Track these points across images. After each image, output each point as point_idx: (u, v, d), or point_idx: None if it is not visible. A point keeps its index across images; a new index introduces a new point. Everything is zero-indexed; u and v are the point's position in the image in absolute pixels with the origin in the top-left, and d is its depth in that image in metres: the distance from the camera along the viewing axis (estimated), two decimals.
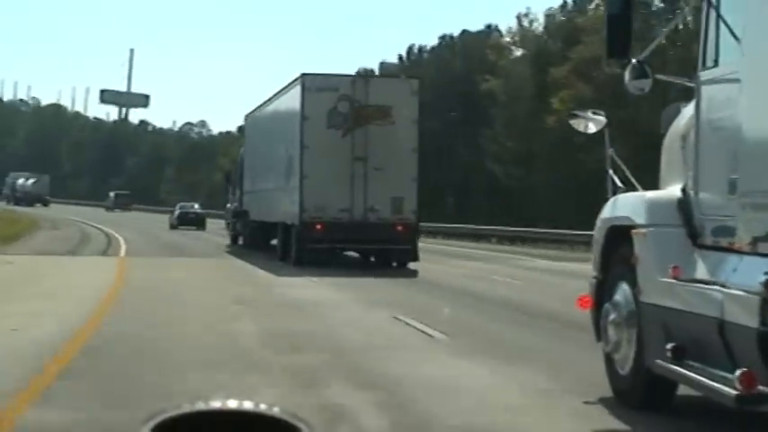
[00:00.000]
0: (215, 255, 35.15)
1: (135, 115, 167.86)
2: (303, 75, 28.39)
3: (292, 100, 29.34)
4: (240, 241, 39.70)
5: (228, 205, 42.97)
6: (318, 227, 27.31)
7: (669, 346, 7.63)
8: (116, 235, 44.85)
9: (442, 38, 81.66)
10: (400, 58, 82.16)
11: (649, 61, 8.21)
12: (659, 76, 8.44)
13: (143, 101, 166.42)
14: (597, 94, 46.30)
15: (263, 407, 1.95)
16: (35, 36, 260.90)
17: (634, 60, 8.13)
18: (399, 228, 27.31)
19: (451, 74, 72.03)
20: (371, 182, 27.33)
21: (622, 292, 8.69)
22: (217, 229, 51.44)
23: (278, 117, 32.43)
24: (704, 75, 7.99)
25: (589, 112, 9.68)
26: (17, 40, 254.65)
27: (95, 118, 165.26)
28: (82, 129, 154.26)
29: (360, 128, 27.51)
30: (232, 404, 1.96)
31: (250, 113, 40.33)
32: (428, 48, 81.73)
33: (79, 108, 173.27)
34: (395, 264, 27.98)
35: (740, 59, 7.42)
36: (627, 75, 8.14)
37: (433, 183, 46.74)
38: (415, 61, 77.98)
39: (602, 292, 9.11)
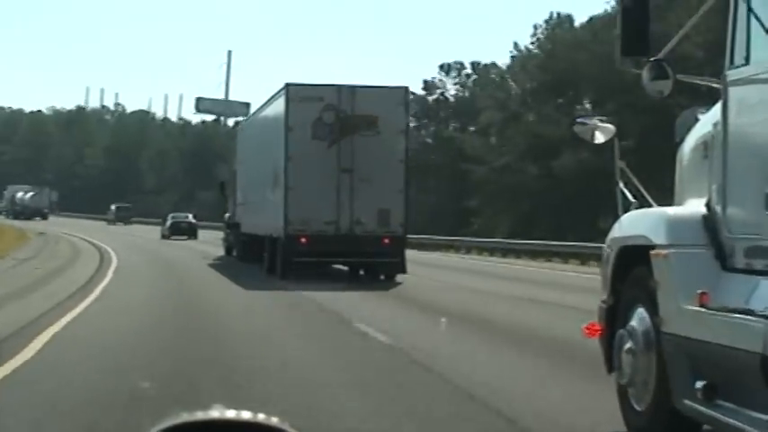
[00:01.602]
0: (195, 267, 34.02)
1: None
2: (287, 84, 27.32)
3: (277, 110, 28.32)
4: (234, 253, 38.67)
5: (227, 215, 41.75)
6: (303, 240, 26.25)
7: (699, 384, 6.52)
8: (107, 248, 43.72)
9: None
10: None
11: (669, 60, 7.07)
12: (681, 77, 7.31)
13: (243, 110, 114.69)
14: None
15: (260, 417, 1.94)
16: (125, 42, 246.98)
17: (652, 59, 7.01)
18: (386, 240, 26.25)
19: None
20: (358, 194, 26.26)
21: (639, 317, 7.56)
22: (215, 240, 50.17)
23: (264, 128, 31.38)
24: (733, 74, 6.86)
25: (596, 120, 8.54)
26: (106, 47, 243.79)
27: (180, 118, 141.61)
28: (167, 135, 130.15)
29: (346, 138, 26.45)
30: (230, 414, 1.94)
31: (242, 123, 39.35)
32: None
33: (172, 118, 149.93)
34: (382, 277, 26.93)
35: None
36: (644, 75, 7.03)
37: None
38: None
39: (613, 318, 7.99)
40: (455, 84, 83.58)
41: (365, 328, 15.13)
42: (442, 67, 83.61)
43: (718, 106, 7.15)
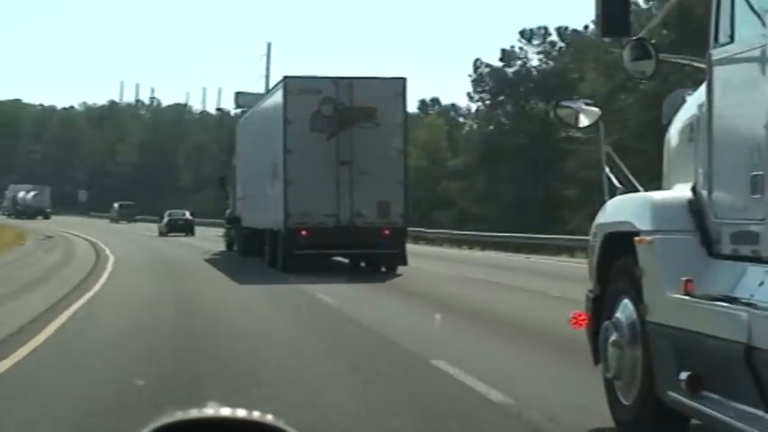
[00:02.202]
0: (192, 262, 33.71)
1: None
2: (285, 77, 27.08)
3: (275, 103, 28.07)
4: (235, 248, 38.41)
5: (227, 210, 41.35)
6: (304, 233, 26.00)
7: (683, 375, 6.20)
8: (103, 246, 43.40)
9: None
10: None
11: (651, 39, 6.75)
12: (664, 56, 6.98)
13: None
14: None
15: (255, 414, 1.92)
16: (161, 36, 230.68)
17: (634, 38, 6.68)
18: (387, 232, 26.00)
19: None
20: (357, 186, 26.00)
21: (624, 308, 7.25)
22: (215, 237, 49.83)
23: (263, 121, 31.11)
24: (717, 53, 6.54)
25: (581, 103, 8.20)
26: (140, 41, 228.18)
27: (218, 109, 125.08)
28: (205, 128, 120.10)
29: (344, 130, 26.20)
30: (225, 412, 1.93)
31: (241, 118, 39.08)
32: None
33: (210, 111, 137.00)
34: (383, 269, 26.65)
35: (762, 33, 6.01)
36: (626, 55, 6.71)
37: None
38: None
39: (600, 309, 7.69)
40: (538, 53, 69.71)
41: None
42: (522, 33, 69.94)
43: (703, 87, 6.84)
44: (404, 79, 26.91)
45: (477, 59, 70.59)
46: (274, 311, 17.83)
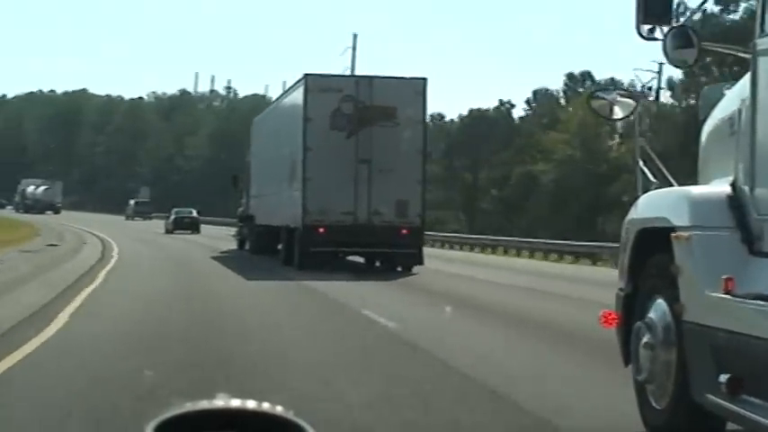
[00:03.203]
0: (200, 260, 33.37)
1: None
2: (306, 75, 26.83)
3: (295, 101, 27.82)
4: (247, 246, 38.11)
5: (240, 208, 41.02)
6: (321, 230, 25.75)
7: (723, 378, 5.85)
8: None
9: None
10: None
11: (694, 27, 6.39)
12: (707, 45, 6.63)
13: None
14: None
15: (265, 405, 1.91)
16: (240, 26, 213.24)
17: (676, 25, 6.33)
18: (404, 231, 25.73)
19: None
20: (376, 184, 25.75)
21: (658, 308, 6.89)
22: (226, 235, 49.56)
23: (282, 119, 30.85)
24: (763, 43, 6.19)
25: (615, 94, 7.84)
26: (217, 30, 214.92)
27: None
28: None
29: (364, 129, 25.96)
30: (235, 403, 1.92)
31: (257, 117, 38.86)
32: None
33: None
34: (399, 268, 26.34)
35: None
36: (667, 43, 6.35)
37: None
38: None
39: (632, 308, 7.33)
40: None
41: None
42: None
43: (746, 79, 6.49)
44: (424, 79, 26.63)
45: None
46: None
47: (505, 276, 26.18)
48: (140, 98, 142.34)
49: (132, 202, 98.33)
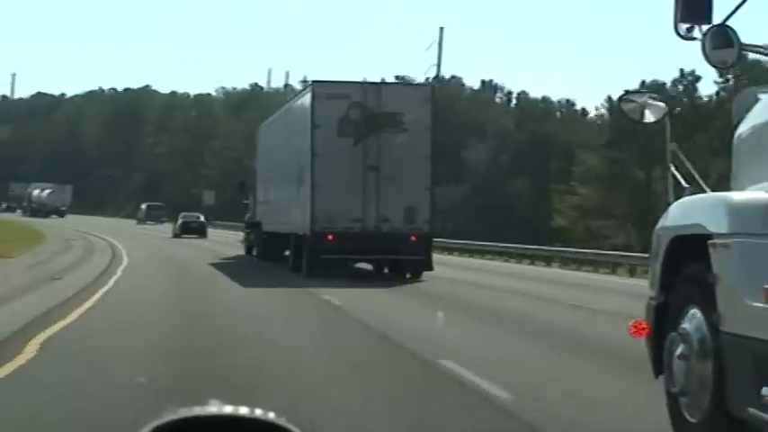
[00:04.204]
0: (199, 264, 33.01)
1: None
2: (314, 82, 26.66)
3: (303, 108, 27.62)
4: (254, 252, 37.89)
5: (247, 214, 40.74)
6: (330, 237, 25.50)
7: (766, 390, 5.56)
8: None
9: None
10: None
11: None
12: (747, 45, 6.34)
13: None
14: None
15: (258, 412, 1.92)
16: (319, 20, 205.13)
17: (715, 24, 6.05)
18: (413, 238, 25.52)
19: None
20: (384, 191, 25.52)
21: (693, 318, 6.60)
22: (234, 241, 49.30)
23: (289, 126, 30.62)
24: None
25: (646, 97, 7.55)
26: (293, 24, 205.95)
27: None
28: None
29: (372, 136, 25.75)
30: (228, 409, 1.93)
31: (263, 123, 38.68)
32: None
33: None
34: (408, 275, 26.09)
35: None
36: (706, 43, 6.07)
37: None
38: None
39: (663, 318, 7.03)
40: None
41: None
42: None
43: None
44: (432, 85, 26.52)
45: None
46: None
47: None
48: (208, 94, 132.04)
49: (144, 206, 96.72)
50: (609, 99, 70.02)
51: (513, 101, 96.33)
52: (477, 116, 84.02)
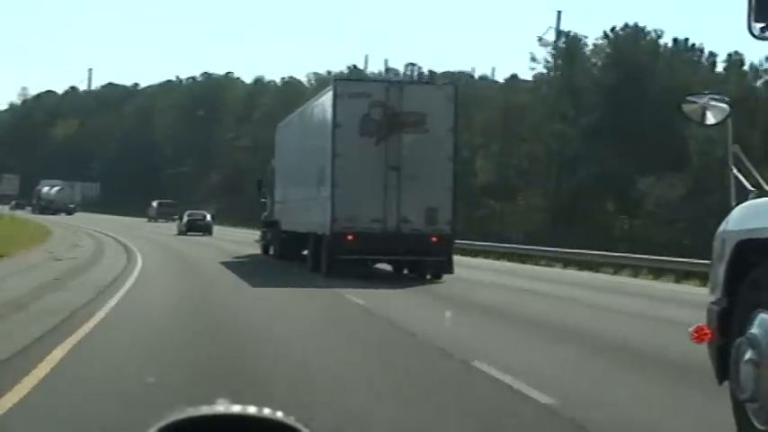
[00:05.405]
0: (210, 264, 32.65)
1: None
2: (335, 80, 26.52)
3: (324, 107, 27.39)
4: (271, 251, 37.69)
5: (264, 213, 40.43)
6: (350, 237, 25.30)
7: None
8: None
9: None
10: None
11: None
12: None
13: None
14: None
15: (266, 411, 1.91)
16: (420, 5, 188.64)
17: None
18: (434, 239, 25.28)
19: None
20: (405, 191, 25.29)
21: (762, 323, 6.42)
22: (245, 240, 49.11)
23: (310, 125, 30.40)
24: None
25: (708, 98, 7.36)
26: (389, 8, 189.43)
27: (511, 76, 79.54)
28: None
29: (393, 135, 25.50)
30: (235, 408, 1.92)
31: (282, 122, 38.44)
32: None
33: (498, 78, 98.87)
34: (429, 276, 25.89)
35: None
36: None
37: None
38: None
39: (728, 323, 6.86)
40: None
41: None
42: None
43: None
44: (455, 85, 26.19)
45: None
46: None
47: None
48: (293, 78, 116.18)
49: (155, 203, 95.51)
50: None
51: None
52: None
